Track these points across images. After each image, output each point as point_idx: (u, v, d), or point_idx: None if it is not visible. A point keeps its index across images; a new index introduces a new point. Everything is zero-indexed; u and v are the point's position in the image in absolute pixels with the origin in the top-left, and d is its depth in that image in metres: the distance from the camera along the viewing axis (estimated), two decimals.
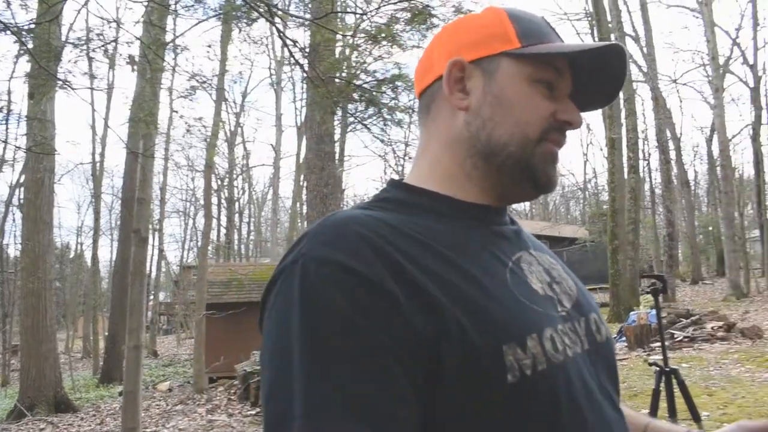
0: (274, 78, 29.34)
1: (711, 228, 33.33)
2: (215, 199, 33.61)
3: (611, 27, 19.74)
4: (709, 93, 26.34)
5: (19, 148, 12.98)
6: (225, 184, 35.33)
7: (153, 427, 9.25)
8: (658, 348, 9.65)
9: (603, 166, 39.38)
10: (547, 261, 0.91)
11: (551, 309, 0.81)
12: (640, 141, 23.64)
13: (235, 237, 38.88)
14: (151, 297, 32.20)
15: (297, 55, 5.61)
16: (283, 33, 5.87)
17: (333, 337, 0.67)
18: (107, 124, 19.31)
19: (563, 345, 0.77)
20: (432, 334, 0.69)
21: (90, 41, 5.99)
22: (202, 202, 21.67)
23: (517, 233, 0.92)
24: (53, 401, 11.13)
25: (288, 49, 5.53)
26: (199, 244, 18.24)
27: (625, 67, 0.88)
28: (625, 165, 18.77)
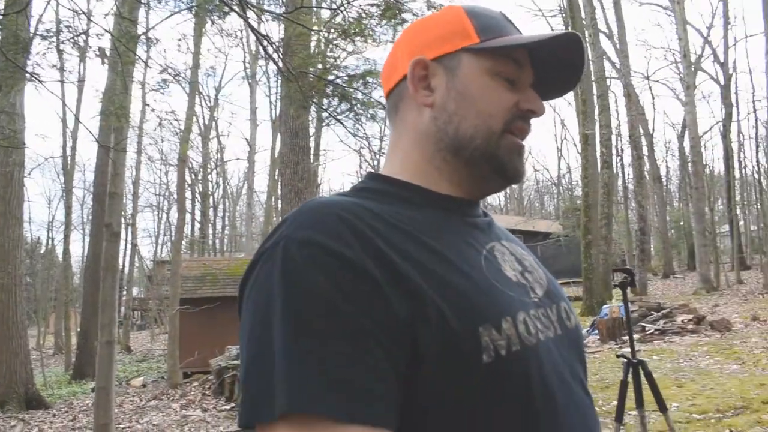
0: (248, 71, 29.17)
1: (682, 223, 33.84)
2: (189, 194, 33.38)
3: (585, 23, 19.92)
4: (681, 90, 26.74)
5: None
6: (199, 178, 35.06)
7: (127, 423, 9.17)
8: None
9: (577, 161, 39.80)
10: (519, 252, 0.93)
11: (524, 295, 0.83)
12: (613, 137, 23.88)
13: (210, 232, 38.60)
14: (125, 292, 31.88)
15: (269, 50, 5.58)
16: (257, 28, 5.84)
17: (316, 320, 0.67)
18: (78, 118, 19.03)
19: (536, 329, 0.79)
20: (412, 319, 0.70)
21: (60, 33, 5.91)
22: (175, 196, 21.49)
23: (490, 225, 0.94)
24: (24, 398, 10.97)
25: (260, 44, 5.50)
26: (173, 238, 18.10)
27: (583, 55, 0.90)
28: (599, 160, 18.96)
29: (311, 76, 5.60)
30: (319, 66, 6.29)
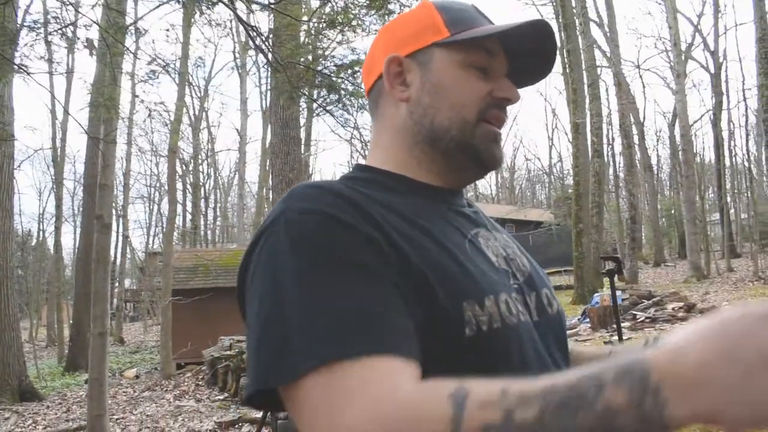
0: (238, 62, 29.07)
1: (673, 211, 33.99)
2: (180, 185, 33.30)
3: (576, 12, 19.89)
4: (672, 79, 26.80)
5: None
6: (190, 169, 34.95)
7: (121, 414, 9.20)
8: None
9: (568, 150, 39.81)
10: (503, 239, 0.96)
11: (505, 280, 0.86)
12: (604, 126, 23.93)
13: (202, 222, 38.53)
14: (117, 284, 31.80)
15: (257, 41, 5.57)
16: (245, 19, 5.82)
17: (327, 272, 0.70)
18: (67, 109, 18.90)
19: (517, 311, 0.82)
20: (404, 284, 0.73)
21: (47, 24, 5.88)
22: (167, 187, 21.42)
23: (476, 213, 0.98)
24: (18, 390, 10.97)
25: (248, 35, 5.49)
26: (165, 229, 18.07)
27: (554, 41, 0.92)
28: (590, 149, 18.99)
29: (300, 66, 5.60)
30: (309, 57, 6.28)
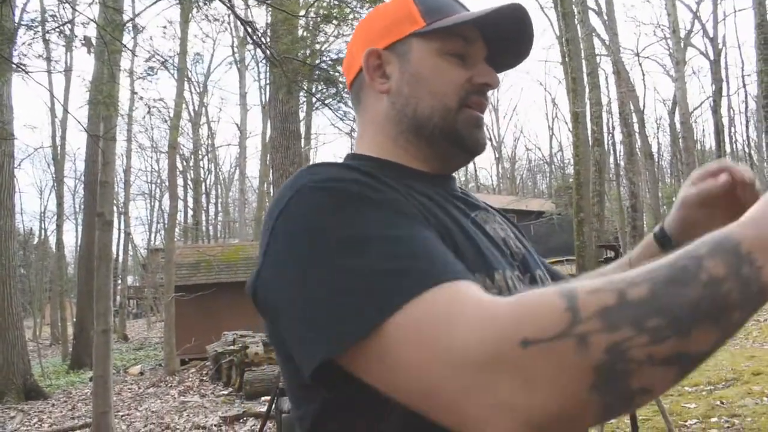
0: (236, 57, 29.01)
1: (674, 199, 33.88)
2: (181, 180, 33.29)
3: (574, 0, 19.82)
4: (671, 66, 26.75)
5: None
6: (190, 164, 34.92)
7: (126, 411, 9.24)
8: None
9: (568, 139, 39.79)
10: (499, 221, 0.98)
11: (508, 258, 0.89)
12: (604, 114, 23.87)
13: (203, 218, 38.50)
14: (119, 281, 31.87)
15: (254, 36, 5.55)
16: (242, 15, 5.81)
17: (367, 222, 0.69)
18: (66, 108, 18.90)
19: (520, 288, 0.84)
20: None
21: (45, 23, 5.88)
22: (167, 183, 21.43)
23: (470, 197, 1.00)
24: (23, 389, 11.02)
25: (245, 30, 5.47)
26: (166, 226, 18.08)
27: (531, 24, 0.92)
28: (590, 138, 18.93)
29: (296, 60, 5.59)
30: (307, 51, 6.27)
